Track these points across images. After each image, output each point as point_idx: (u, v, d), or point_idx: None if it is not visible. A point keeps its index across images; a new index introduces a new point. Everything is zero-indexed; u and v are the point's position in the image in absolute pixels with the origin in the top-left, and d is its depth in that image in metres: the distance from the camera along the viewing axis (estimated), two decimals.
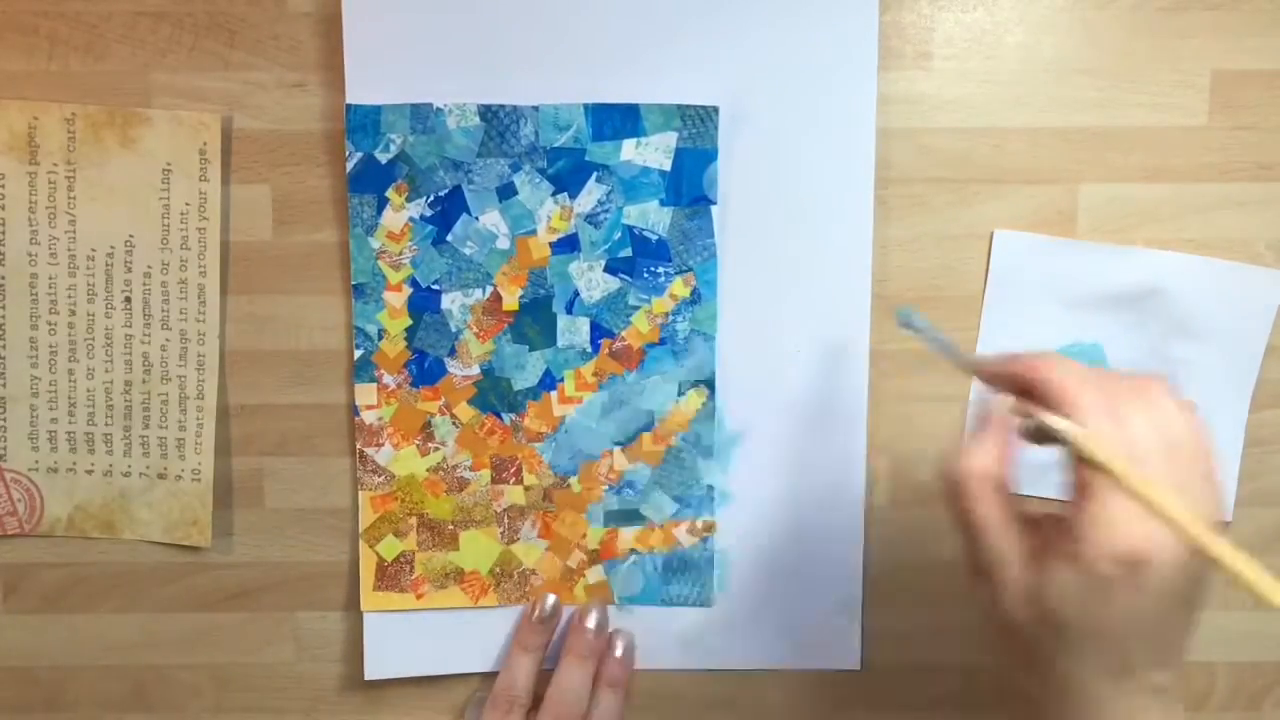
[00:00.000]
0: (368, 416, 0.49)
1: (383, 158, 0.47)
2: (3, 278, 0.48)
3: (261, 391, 0.49)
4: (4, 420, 0.49)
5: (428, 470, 0.49)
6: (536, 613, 0.48)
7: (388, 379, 0.48)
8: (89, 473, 0.49)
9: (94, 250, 0.48)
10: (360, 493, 0.49)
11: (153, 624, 0.50)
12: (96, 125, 0.47)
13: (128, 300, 0.48)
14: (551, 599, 0.49)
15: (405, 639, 0.49)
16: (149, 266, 0.48)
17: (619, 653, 0.49)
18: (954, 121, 0.48)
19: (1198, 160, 0.48)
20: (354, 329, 0.48)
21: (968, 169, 0.48)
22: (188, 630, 0.50)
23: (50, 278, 0.48)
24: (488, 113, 0.47)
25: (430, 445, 0.49)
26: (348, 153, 0.47)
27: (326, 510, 0.50)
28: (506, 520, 0.49)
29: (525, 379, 0.48)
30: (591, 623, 0.48)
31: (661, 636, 0.50)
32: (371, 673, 0.49)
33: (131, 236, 0.48)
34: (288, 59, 0.47)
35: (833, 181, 0.47)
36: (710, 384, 0.48)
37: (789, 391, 0.49)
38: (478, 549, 0.49)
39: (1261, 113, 0.48)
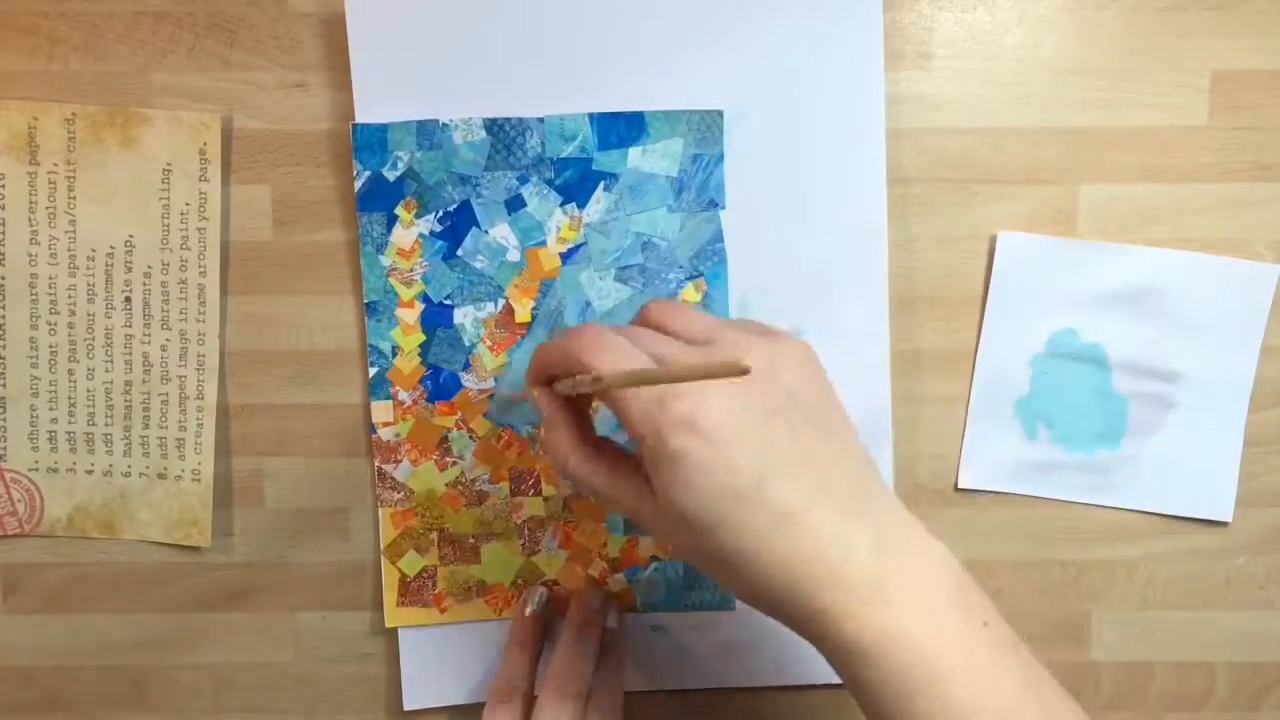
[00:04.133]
0: (384, 433, 0.48)
1: (391, 175, 0.47)
2: (3, 278, 0.48)
3: (261, 391, 0.49)
4: (4, 420, 0.49)
5: (447, 485, 0.49)
6: (529, 609, 0.48)
7: (403, 395, 0.48)
8: (89, 473, 0.49)
9: (94, 250, 0.48)
10: (380, 509, 0.49)
11: (153, 624, 0.50)
12: (96, 125, 0.47)
13: (128, 300, 0.48)
14: (540, 593, 0.48)
15: (439, 665, 0.49)
16: (149, 266, 0.48)
17: (613, 623, 0.48)
18: (954, 121, 0.48)
19: (1198, 160, 0.48)
20: (368, 347, 0.48)
21: (968, 169, 0.48)
22: (188, 630, 0.50)
23: (50, 278, 0.48)
24: (494, 126, 0.47)
25: (448, 460, 0.49)
26: (355, 172, 0.47)
27: (326, 510, 0.50)
28: (527, 532, 0.49)
29: None
30: (594, 602, 0.48)
31: (690, 656, 0.50)
32: (410, 703, 0.50)
33: (131, 236, 0.48)
34: (288, 59, 0.47)
35: (843, 182, 0.47)
36: None
37: None
38: (499, 561, 0.49)
39: (1261, 113, 0.48)
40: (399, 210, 0.47)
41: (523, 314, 0.48)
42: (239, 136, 0.48)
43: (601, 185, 0.47)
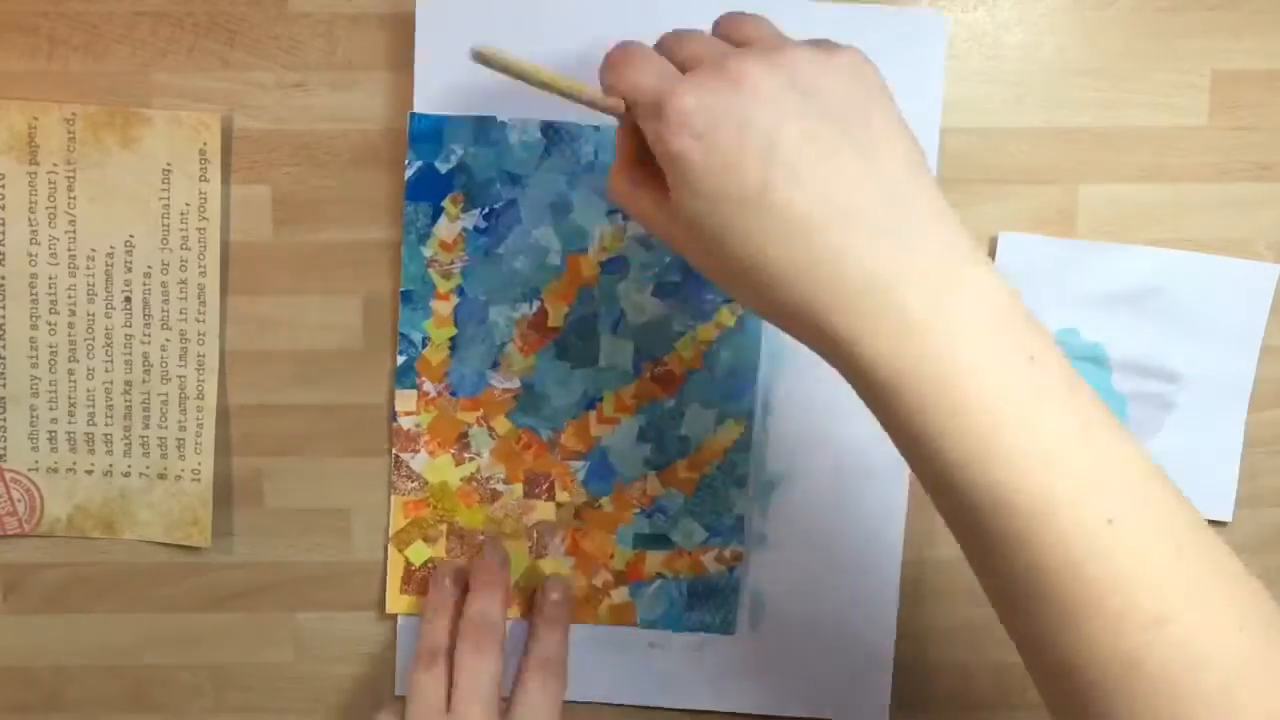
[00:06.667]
0: (405, 422, 0.48)
1: (443, 168, 0.47)
2: (3, 278, 0.48)
3: (262, 391, 0.49)
4: (4, 420, 0.49)
5: (461, 480, 0.49)
6: (440, 582, 0.48)
7: (428, 386, 0.48)
8: (89, 473, 0.49)
9: (94, 250, 0.48)
10: (392, 496, 0.49)
11: (153, 624, 0.50)
12: (96, 125, 0.47)
13: (128, 300, 0.48)
14: (449, 573, 0.48)
15: None
16: (149, 266, 0.48)
17: (555, 596, 0.48)
18: (954, 121, 0.48)
19: (1198, 160, 0.48)
20: (398, 335, 0.48)
21: (968, 169, 0.48)
22: (188, 630, 0.50)
23: (50, 278, 0.48)
24: (550, 129, 0.47)
25: (466, 455, 0.49)
26: (407, 160, 0.47)
27: (326, 510, 0.50)
28: (536, 535, 0.49)
29: (565, 396, 0.48)
30: (491, 556, 0.48)
31: (688, 675, 0.50)
32: (402, 689, 0.49)
33: (131, 236, 0.48)
34: (288, 59, 0.47)
35: None
36: (749, 416, 0.48)
37: (832, 434, 0.48)
38: None
39: (1261, 113, 0.48)
40: (446, 203, 0.47)
41: (556, 319, 0.48)
42: (239, 136, 0.48)
43: None
